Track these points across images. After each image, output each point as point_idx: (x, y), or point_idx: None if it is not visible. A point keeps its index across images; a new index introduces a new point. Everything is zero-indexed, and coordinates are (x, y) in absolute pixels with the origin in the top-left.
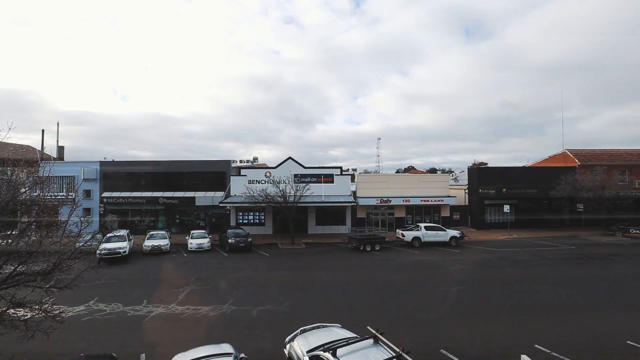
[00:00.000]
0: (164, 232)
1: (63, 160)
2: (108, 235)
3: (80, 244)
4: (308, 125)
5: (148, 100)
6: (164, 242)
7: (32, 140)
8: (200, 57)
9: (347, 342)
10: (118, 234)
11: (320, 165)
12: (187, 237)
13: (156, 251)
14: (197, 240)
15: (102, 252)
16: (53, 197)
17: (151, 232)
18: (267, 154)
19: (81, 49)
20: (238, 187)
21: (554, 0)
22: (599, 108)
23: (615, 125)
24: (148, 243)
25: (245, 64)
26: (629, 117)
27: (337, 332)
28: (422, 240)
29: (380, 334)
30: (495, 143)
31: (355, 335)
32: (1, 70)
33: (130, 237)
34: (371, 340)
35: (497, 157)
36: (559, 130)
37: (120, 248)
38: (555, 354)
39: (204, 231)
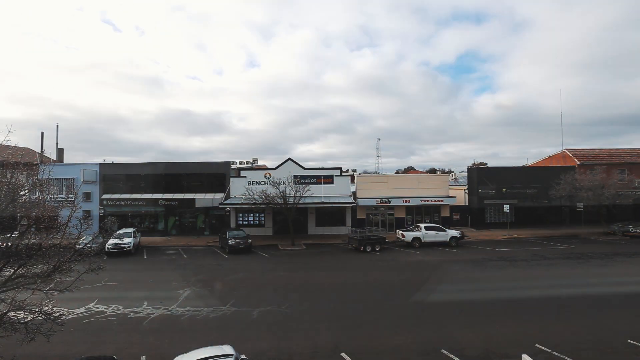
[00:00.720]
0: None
1: (62, 162)
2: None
3: (80, 246)
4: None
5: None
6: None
7: None
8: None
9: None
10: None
11: (320, 166)
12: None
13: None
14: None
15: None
16: (53, 199)
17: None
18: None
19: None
20: (238, 188)
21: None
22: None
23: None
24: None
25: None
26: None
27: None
28: (422, 241)
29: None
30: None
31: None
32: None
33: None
34: None
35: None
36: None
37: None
38: (556, 354)
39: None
